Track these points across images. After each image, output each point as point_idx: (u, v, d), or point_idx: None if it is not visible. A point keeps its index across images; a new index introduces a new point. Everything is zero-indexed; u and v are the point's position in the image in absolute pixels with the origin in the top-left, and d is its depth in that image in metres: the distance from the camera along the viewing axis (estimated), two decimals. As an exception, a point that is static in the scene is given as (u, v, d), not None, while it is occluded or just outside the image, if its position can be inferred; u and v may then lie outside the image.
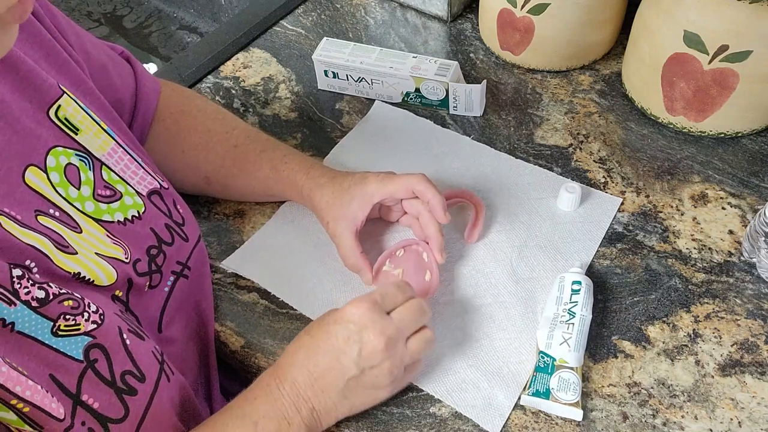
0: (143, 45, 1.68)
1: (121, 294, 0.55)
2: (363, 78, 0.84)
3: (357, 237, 0.67)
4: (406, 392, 0.61)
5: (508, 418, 0.59)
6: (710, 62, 0.70)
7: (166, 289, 0.60)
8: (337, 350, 0.54)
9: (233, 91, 0.90)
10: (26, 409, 0.43)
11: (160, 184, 0.62)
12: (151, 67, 1.62)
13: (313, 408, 0.54)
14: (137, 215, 0.58)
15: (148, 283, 0.58)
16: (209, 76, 0.92)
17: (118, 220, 0.56)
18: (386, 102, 0.86)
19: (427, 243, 0.67)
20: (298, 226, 0.74)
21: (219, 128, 0.72)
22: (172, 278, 0.61)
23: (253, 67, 0.93)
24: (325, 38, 0.87)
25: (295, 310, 0.68)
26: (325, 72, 0.86)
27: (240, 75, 0.92)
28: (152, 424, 0.50)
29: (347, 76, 0.85)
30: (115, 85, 0.65)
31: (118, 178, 0.57)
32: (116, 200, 0.56)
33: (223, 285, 0.70)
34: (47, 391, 0.44)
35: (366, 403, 0.57)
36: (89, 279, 0.50)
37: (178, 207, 0.63)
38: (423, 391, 0.61)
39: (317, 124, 0.85)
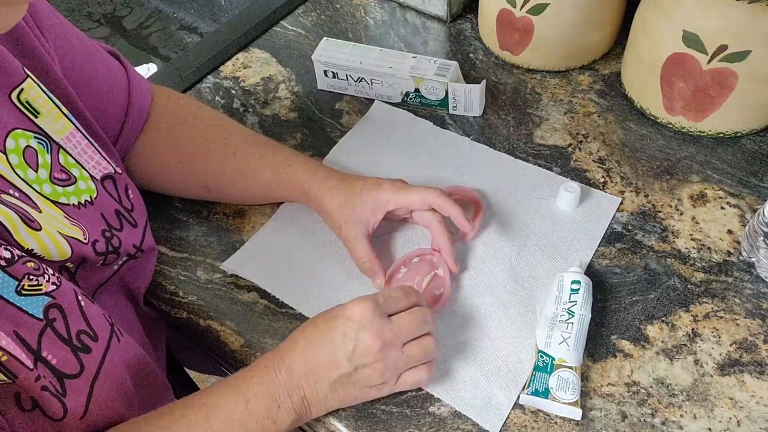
0: (143, 45, 1.68)
1: (71, 266, 0.57)
2: (363, 78, 0.85)
3: (370, 240, 0.67)
4: (405, 391, 0.61)
5: (508, 417, 0.59)
6: (709, 62, 0.70)
7: (116, 267, 0.62)
8: (333, 344, 0.55)
9: (233, 92, 0.90)
10: (4, 358, 0.45)
11: (114, 169, 0.62)
12: (151, 67, 1.62)
13: (304, 396, 0.55)
14: (90, 200, 0.59)
15: (102, 262, 0.59)
16: (209, 76, 0.92)
17: (73, 204, 0.57)
18: (386, 102, 0.86)
19: (439, 252, 0.68)
20: (298, 226, 0.74)
21: (216, 135, 0.72)
22: (125, 258, 0.63)
23: (252, 67, 0.93)
24: (324, 38, 0.88)
25: (295, 309, 0.68)
26: (325, 72, 0.86)
27: (240, 75, 0.92)
28: (106, 380, 0.53)
29: (347, 76, 0.85)
30: (101, 76, 0.65)
31: (74, 162, 0.58)
32: (71, 184, 0.57)
33: (223, 285, 0.70)
34: (16, 345, 0.46)
35: (357, 398, 0.58)
36: (40, 255, 0.52)
37: (129, 193, 0.64)
38: (422, 390, 0.61)
39: (317, 124, 0.85)
